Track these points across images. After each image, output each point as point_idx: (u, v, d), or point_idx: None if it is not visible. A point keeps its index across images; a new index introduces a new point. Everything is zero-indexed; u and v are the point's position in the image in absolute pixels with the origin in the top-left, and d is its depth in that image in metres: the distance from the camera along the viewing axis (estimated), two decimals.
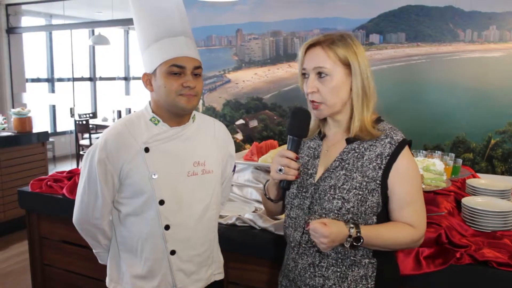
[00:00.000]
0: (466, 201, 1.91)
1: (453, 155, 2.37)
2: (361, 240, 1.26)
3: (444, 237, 1.66)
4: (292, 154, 1.32)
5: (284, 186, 1.35)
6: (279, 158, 1.32)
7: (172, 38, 1.44)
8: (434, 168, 2.08)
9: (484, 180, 2.30)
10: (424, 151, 2.45)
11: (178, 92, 1.43)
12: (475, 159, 3.37)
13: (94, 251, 1.67)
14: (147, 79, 1.48)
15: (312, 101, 1.35)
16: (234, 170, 1.78)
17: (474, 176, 2.52)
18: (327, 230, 1.22)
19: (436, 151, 2.42)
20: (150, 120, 1.50)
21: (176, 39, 1.44)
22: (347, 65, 1.31)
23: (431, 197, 2.09)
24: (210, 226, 1.60)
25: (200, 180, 1.54)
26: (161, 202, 1.47)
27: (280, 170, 1.31)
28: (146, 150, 1.46)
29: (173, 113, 1.49)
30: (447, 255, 1.60)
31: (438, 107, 3.46)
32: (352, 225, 1.27)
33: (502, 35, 3.27)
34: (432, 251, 1.63)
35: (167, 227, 1.48)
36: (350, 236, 1.25)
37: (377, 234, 1.30)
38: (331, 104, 1.34)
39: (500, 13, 3.25)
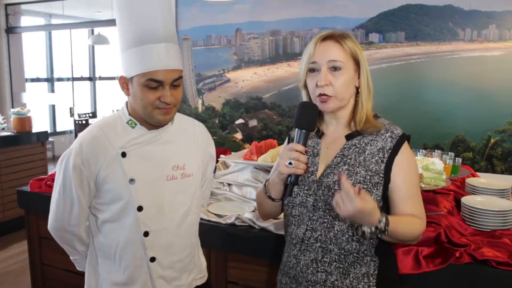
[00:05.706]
0: (466, 200, 1.91)
1: (452, 154, 2.37)
2: (385, 233, 1.21)
3: (444, 236, 1.66)
4: (301, 148, 1.29)
5: (292, 181, 1.31)
6: (288, 152, 1.29)
7: (152, 44, 1.34)
8: (434, 167, 2.07)
9: (483, 179, 2.30)
10: (423, 150, 2.45)
11: (155, 106, 1.37)
12: (474, 158, 3.36)
13: (71, 258, 1.62)
14: (124, 82, 1.41)
15: (323, 94, 1.33)
16: (214, 171, 1.72)
17: (473, 175, 2.52)
18: (360, 204, 1.13)
19: (436, 150, 2.42)
20: (127, 123, 1.45)
21: (156, 47, 1.34)
22: (355, 60, 1.35)
23: (430, 196, 2.09)
24: (191, 231, 1.56)
25: (179, 184, 1.48)
26: (140, 208, 1.41)
27: (290, 163, 1.28)
28: (123, 154, 1.40)
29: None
30: (447, 254, 1.60)
31: (438, 106, 3.45)
32: (383, 216, 1.20)
33: (501, 34, 3.26)
34: (432, 250, 1.63)
35: (146, 234, 1.43)
36: (376, 227, 1.19)
37: (399, 226, 1.26)
38: (341, 98, 1.35)
39: (500, 12, 3.24)
